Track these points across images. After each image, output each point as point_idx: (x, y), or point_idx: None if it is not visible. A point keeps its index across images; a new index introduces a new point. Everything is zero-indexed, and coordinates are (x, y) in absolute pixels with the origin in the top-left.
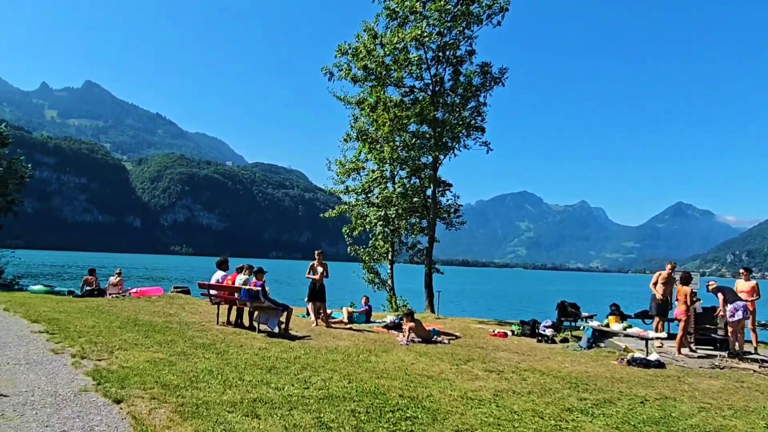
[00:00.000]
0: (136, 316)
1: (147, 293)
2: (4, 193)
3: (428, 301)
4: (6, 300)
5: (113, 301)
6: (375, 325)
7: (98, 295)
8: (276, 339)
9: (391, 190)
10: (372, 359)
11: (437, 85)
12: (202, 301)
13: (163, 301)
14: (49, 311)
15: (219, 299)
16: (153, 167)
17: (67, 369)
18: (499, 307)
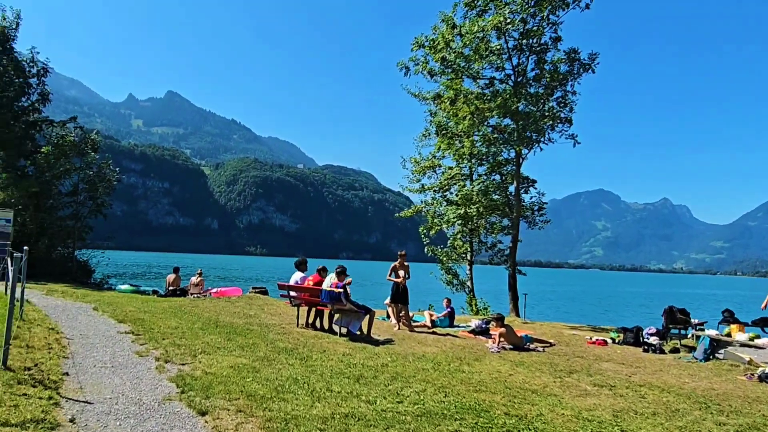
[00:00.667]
0: (217, 317)
1: (227, 293)
2: (94, 196)
3: (512, 304)
4: (96, 299)
5: (195, 301)
6: (460, 330)
7: (181, 295)
8: (359, 344)
9: (471, 187)
10: (464, 368)
11: (519, 75)
12: (281, 302)
13: (243, 302)
14: (135, 311)
15: (299, 301)
16: (229, 171)
17: (151, 374)
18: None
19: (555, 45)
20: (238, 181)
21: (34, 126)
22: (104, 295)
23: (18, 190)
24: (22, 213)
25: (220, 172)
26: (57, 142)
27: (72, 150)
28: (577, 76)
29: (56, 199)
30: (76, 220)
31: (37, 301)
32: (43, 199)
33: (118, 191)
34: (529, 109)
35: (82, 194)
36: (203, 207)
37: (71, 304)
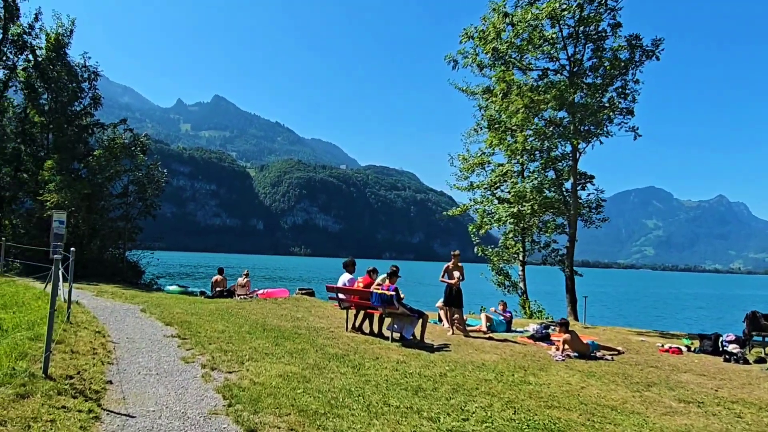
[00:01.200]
0: (264, 320)
1: (273, 295)
2: (144, 197)
3: (570, 307)
4: (144, 300)
5: (242, 302)
6: (518, 335)
7: (227, 296)
8: (413, 350)
9: (523, 184)
10: (531, 380)
11: (575, 65)
12: (328, 303)
13: (290, 304)
14: (182, 313)
15: (348, 303)
16: (273, 173)
17: (197, 383)
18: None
19: (614, 32)
20: (282, 183)
21: (87, 129)
22: (153, 296)
23: (71, 193)
24: (75, 215)
25: (264, 174)
26: (108, 144)
27: (122, 152)
28: (639, 64)
29: (107, 200)
30: (126, 221)
31: (86, 303)
32: (95, 200)
33: (168, 193)
34: (587, 100)
35: (132, 195)
36: (249, 208)
37: (120, 305)
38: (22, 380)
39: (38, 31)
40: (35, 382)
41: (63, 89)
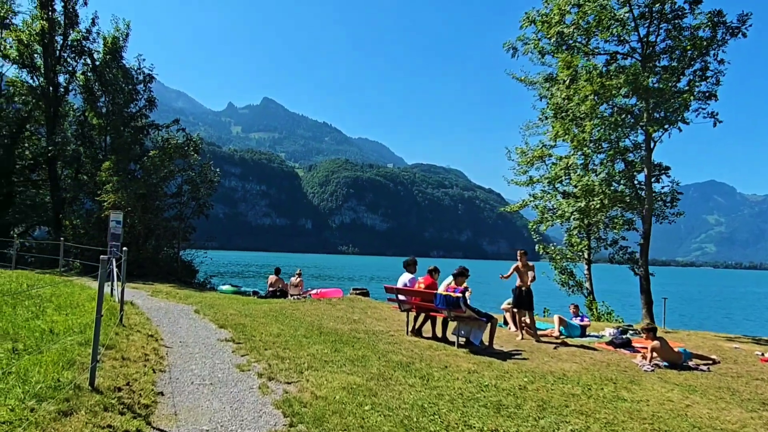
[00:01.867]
0: (320, 322)
1: (327, 295)
2: (197, 197)
3: (646, 309)
4: (198, 301)
5: (295, 303)
6: (595, 341)
7: (281, 296)
8: (483, 357)
9: (590, 177)
10: (624, 395)
11: (648, 47)
12: (384, 304)
13: (345, 305)
14: (236, 314)
15: (409, 305)
16: (321, 172)
17: (254, 395)
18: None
19: (692, 9)
20: (330, 182)
21: (142, 131)
22: (206, 296)
23: (127, 193)
24: (131, 214)
25: (313, 174)
26: (162, 145)
27: (176, 152)
28: (722, 43)
29: (162, 200)
30: (180, 220)
31: (141, 303)
32: (150, 200)
33: (220, 194)
34: (662, 84)
35: (185, 195)
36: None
37: (174, 305)
38: (66, 394)
39: (95, 36)
40: (80, 396)
41: (119, 92)
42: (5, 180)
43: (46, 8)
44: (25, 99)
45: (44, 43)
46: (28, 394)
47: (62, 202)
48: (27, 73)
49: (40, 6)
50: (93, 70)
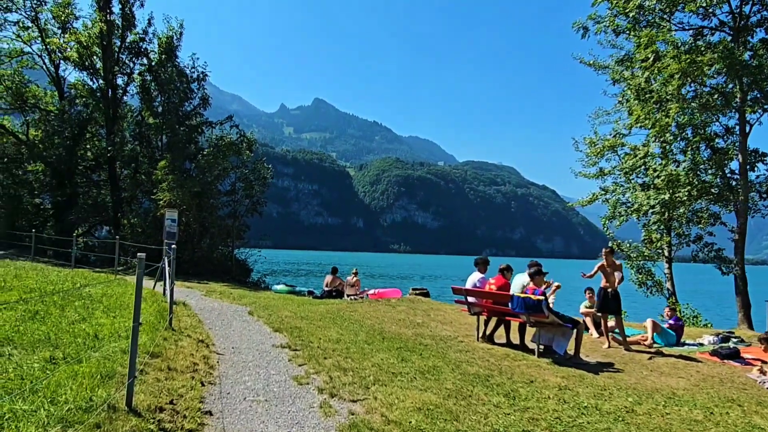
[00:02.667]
0: (381, 325)
1: (385, 295)
2: (251, 194)
3: (743, 313)
4: (252, 301)
5: (352, 304)
6: (696, 350)
7: (337, 297)
8: (571, 369)
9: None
10: (758, 422)
11: (740, 19)
12: (447, 306)
13: (405, 306)
14: (291, 317)
15: (480, 308)
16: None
17: (315, 417)
18: None
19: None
20: (381, 181)
21: (196, 129)
22: (260, 296)
23: (182, 191)
24: (186, 213)
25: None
26: (216, 143)
27: (229, 149)
28: None
29: (216, 198)
30: (234, 218)
31: (194, 304)
32: (205, 198)
33: (273, 194)
34: (758, 61)
35: (239, 192)
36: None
37: (227, 306)
38: (97, 418)
39: (151, 36)
40: (114, 419)
41: (174, 91)
42: (68, 181)
43: (104, 11)
44: (86, 101)
45: (103, 45)
46: (53, 417)
47: (121, 201)
48: (87, 76)
49: (98, 9)
50: (149, 70)
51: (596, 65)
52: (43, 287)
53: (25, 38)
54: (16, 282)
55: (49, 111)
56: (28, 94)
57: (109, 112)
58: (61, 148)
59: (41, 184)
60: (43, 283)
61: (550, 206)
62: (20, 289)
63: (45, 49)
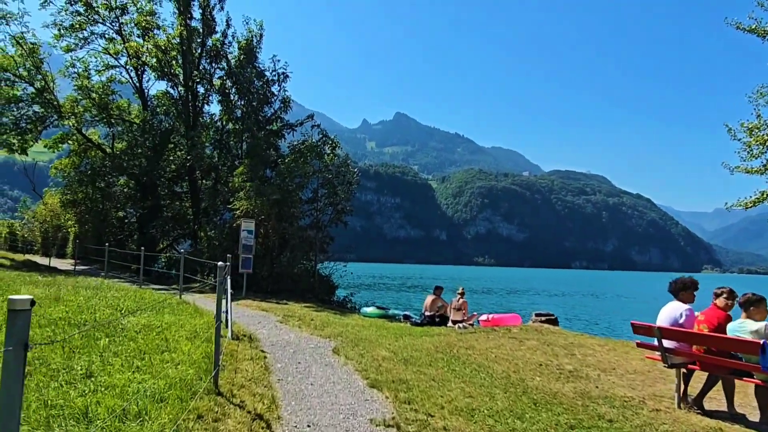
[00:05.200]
0: (519, 375)
1: (502, 322)
2: (334, 201)
3: None
4: (338, 332)
5: (464, 335)
6: None
7: (440, 323)
8: None
9: None
10: None
11: None
12: (588, 338)
13: (535, 339)
14: (390, 359)
15: (685, 360)
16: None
17: None
18: None
19: None
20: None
21: (277, 134)
22: (348, 322)
23: (260, 200)
24: (265, 223)
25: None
26: (297, 147)
27: (311, 152)
28: None
29: (296, 207)
30: (317, 229)
31: (266, 335)
32: (285, 207)
33: (357, 207)
34: None
35: (321, 200)
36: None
37: (307, 339)
38: None
39: (230, 39)
40: None
41: (254, 93)
42: (151, 193)
43: (184, 15)
44: (166, 109)
45: (183, 50)
46: None
47: (200, 212)
48: (168, 85)
49: (179, 14)
50: (228, 74)
51: (759, 31)
52: (75, 317)
53: (111, 51)
54: (47, 309)
55: (132, 122)
56: (112, 105)
57: (189, 120)
58: (144, 159)
59: (126, 197)
60: (80, 311)
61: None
62: (38, 323)
63: (129, 61)
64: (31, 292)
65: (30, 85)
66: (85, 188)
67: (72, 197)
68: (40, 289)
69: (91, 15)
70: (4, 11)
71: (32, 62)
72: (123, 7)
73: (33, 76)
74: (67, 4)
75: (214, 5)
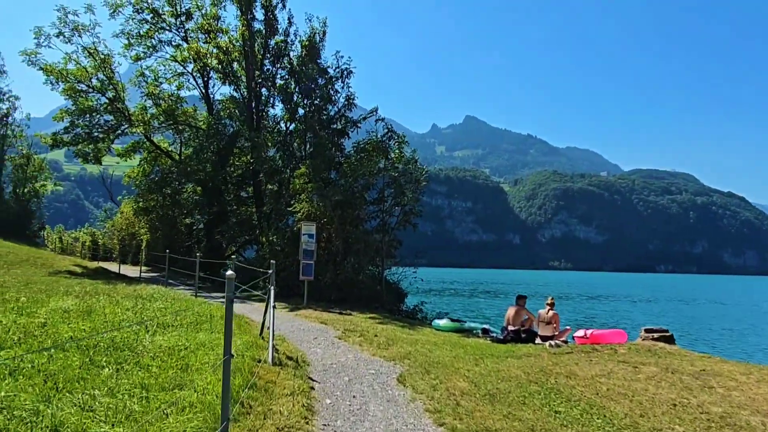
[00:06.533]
0: (650, 423)
1: (603, 340)
2: (402, 202)
3: None
4: (405, 352)
5: (559, 358)
6: None
7: (526, 339)
8: None
9: None
10: None
11: None
12: (728, 365)
13: (653, 365)
14: (470, 392)
15: None
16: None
17: None
18: None
19: None
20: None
21: (342, 133)
22: (417, 338)
23: (323, 201)
24: (327, 227)
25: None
26: (361, 146)
27: (377, 151)
28: None
29: (361, 209)
30: (383, 233)
31: (320, 355)
32: (349, 209)
33: (427, 212)
34: None
35: (388, 200)
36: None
37: (367, 361)
38: None
39: (293, 38)
40: None
41: (316, 91)
42: (216, 199)
43: (246, 16)
44: (231, 112)
45: (245, 51)
46: None
47: (262, 217)
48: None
49: (241, 14)
50: (290, 72)
51: None
52: (93, 334)
53: (179, 58)
54: (67, 326)
55: (199, 128)
56: (179, 111)
57: (252, 123)
58: (209, 164)
59: (193, 204)
60: (105, 326)
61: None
62: (39, 344)
63: (195, 66)
64: (61, 304)
65: (102, 95)
66: (155, 196)
67: (144, 205)
68: (72, 301)
69: (159, 22)
70: (77, 23)
71: (104, 72)
72: (188, 13)
73: (105, 86)
74: (135, 12)
75: (276, 4)
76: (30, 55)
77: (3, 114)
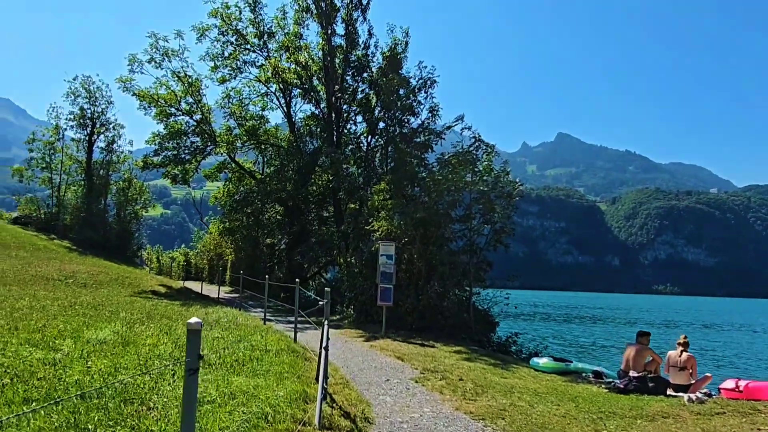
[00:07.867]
0: None
1: (758, 394)
2: (491, 219)
3: None
4: (498, 406)
5: (707, 420)
6: None
7: (655, 390)
8: None
9: None
10: None
11: None
12: None
13: None
14: None
15: None
16: (627, 205)
17: None
18: None
19: None
20: (638, 215)
21: (425, 147)
22: (513, 384)
23: (404, 219)
24: (408, 247)
25: (617, 207)
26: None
27: (464, 163)
28: None
29: (446, 227)
30: (470, 254)
31: (388, 407)
32: (432, 227)
33: (518, 234)
34: None
35: (476, 217)
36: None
37: (448, 419)
38: None
39: (373, 50)
40: None
41: (397, 103)
42: (297, 218)
43: (326, 30)
44: (311, 130)
45: (325, 65)
46: None
47: (342, 236)
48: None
49: (321, 29)
50: (371, 86)
51: None
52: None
53: (262, 78)
54: (84, 364)
55: (280, 146)
56: (261, 131)
57: (332, 139)
58: (290, 183)
59: (275, 223)
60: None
61: None
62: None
63: (278, 86)
64: (98, 334)
65: (190, 118)
66: (239, 216)
67: (229, 225)
68: (116, 327)
69: (242, 44)
70: (167, 48)
71: (192, 95)
72: (270, 33)
73: (193, 108)
74: (220, 35)
75: (357, 17)
76: (125, 81)
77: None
